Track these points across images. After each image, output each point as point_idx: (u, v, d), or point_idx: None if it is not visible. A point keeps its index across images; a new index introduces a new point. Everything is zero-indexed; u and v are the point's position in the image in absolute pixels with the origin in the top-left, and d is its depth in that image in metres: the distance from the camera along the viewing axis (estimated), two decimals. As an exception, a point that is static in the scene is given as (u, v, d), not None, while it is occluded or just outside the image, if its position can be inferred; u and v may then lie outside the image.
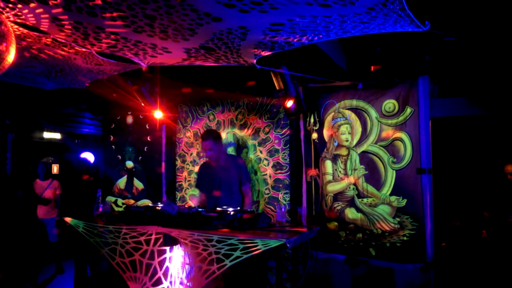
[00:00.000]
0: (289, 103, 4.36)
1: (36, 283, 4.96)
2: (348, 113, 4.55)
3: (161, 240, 3.29)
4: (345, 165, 4.53)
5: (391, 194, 4.24)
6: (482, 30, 3.53)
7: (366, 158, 4.41)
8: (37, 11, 2.40)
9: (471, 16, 3.27)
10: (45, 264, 5.76)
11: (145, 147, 6.05)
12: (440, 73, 4.31)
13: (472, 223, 4.84)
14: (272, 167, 4.93)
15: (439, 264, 4.15)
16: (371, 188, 4.35)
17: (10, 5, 2.33)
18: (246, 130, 5.16)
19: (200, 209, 3.42)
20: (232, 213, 3.20)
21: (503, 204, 4.70)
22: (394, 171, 4.24)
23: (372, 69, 4.28)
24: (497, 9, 3.16)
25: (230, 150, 5.19)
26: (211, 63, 3.48)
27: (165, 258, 3.33)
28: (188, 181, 5.63)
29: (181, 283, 3.26)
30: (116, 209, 6.04)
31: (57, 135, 8.49)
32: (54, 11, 2.38)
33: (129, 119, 6.17)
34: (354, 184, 4.46)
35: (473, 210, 4.87)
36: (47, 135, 8.25)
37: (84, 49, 3.13)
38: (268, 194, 4.93)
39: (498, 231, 4.65)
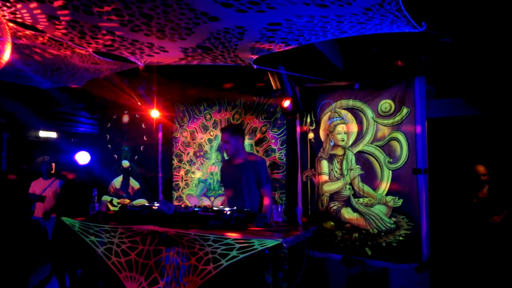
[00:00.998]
0: (286, 103, 4.37)
1: (27, 285, 4.92)
2: (344, 113, 4.56)
3: (157, 239, 3.29)
4: (341, 165, 4.54)
5: (387, 194, 4.25)
6: (478, 31, 3.55)
7: (362, 158, 4.42)
8: (31, 5, 2.39)
9: (467, 17, 3.29)
10: (42, 263, 5.73)
11: (142, 147, 6.03)
12: (437, 73, 4.33)
13: (466, 223, 4.87)
14: (268, 166, 4.93)
15: (434, 264, 4.17)
16: (367, 188, 4.37)
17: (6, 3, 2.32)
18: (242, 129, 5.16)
19: (197, 209, 3.41)
20: (228, 212, 3.20)
21: (479, 205, 4.75)
22: (390, 171, 4.25)
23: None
24: (492, 10, 3.17)
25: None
26: (208, 62, 3.48)
27: (161, 257, 3.32)
28: (185, 180, 5.63)
29: (177, 282, 3.25)
30: (112, 208, 6.02)
31: (53, 134, 8.44)
32: (50, 9, 2.37)
33: (126, 118, 6.15)
34: (350, 184, 4.47)
35: (468, 209, 4.89)
36: (43, 134, 8.21)
37: (80, 48, 3.12)
38: (264, 193, 4.92)
39: (483, 230, 4.68)
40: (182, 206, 3.59)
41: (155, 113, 5.36)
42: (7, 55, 2.41)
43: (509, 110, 4.56)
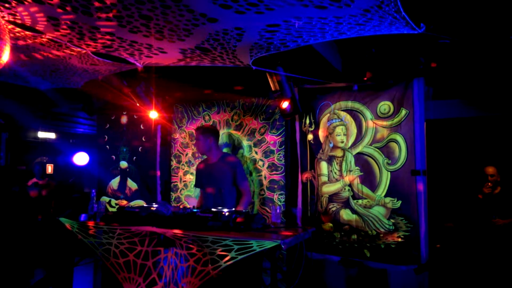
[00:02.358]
0: (285, 104, 4.37)
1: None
2: (343, 114, 4.56)
3: (155, 240, 3.28)
4: (340, 166, 4.54)
5: (386, 196, 4.25)
6: (477, 32, 3.56)
7: (361, 160, 4.42)
8: (32, 9, 2.38)
9: (466, 18, 3.29)
10: (39, 266, 5.72)
11: (140, 147, 6.03)
12: (435, 75, 4.33)
13: (466, 225, 4.87)
14: (267, 168, 4.93)
15: (433, 266, 4.17)
16: (366, 190, 4.37)
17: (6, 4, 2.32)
18: (241, 131, 5.16)
19: (195, 210, 3.41)
20: (227, 213, 3.20)
21: (485, 205, 4.74)
22: (389, 173, 4.25)
23: (367, 76, 4.30)
24: (490, 11, 3.18)
25: (226, 151, 5.18)
26: (207, 63, 3.48)
27: (160, 258, 3.32)
28: (183, 181, 5.62)
29: (175, 284, 3.25)
30: (110, 209, 6.01)
31: (51, 135, 8.44)
32: (49, 10, 2.37)
33: (124, 119, 6.14)
34: (349, 186, 4.47)
35: (466, 212, 4.90)
36: (41, 134, 8.20)
37: (79, 49, 3.12)
38: (263, 195, 4.93)
39: (484, 232, 4.68)
40: (181, 207, 3.60)
41: (153, 114, 5.35)
42: (5, 56, 2.40)
43: (509, 112, 4.57)
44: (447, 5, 3.05)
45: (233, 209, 3.52)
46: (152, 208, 3.46)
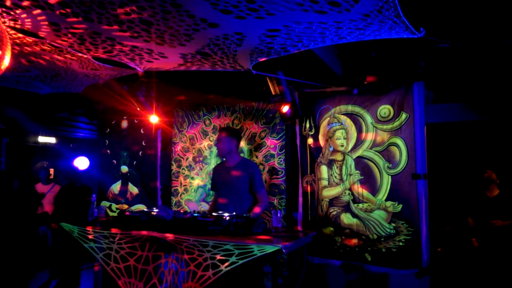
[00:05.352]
0: (285, 108, 4.38)
1: None
2: (343, 118, 4.56)
3: (156, 245, 3.28)
4: (341, 170, 4.54)
5: (386, 200, 4.25)
6: (477, 37, 3.56)
7: (361, 163, 4.42)
8: (35, 12, 2.39)
9: (466, 22, 3.30)
10: (40, 269, 5.71)
11: (140, 152, 6.03)
12: (435, 79, 4.34)
13: (465, 228, 4.86)
14: (267, 172, 4.93)
15: (434, 269, 4.15)
16: (366, 193, 4.36)
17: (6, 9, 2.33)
18: (242, 135, 5.16)
19: (196, 214, 3.40)
20: (228, 218, 3.19)
21: (484, 207, 4.72)
22: (390, 176, 4.25)
23: (367, 80, 4.31)
24: (490, 16, 3.19)
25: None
26: (207, 68, 3.49)
27: (160, 263, 3.31)
28: (184, 186, 5.62)
29: (176, 289, 3.24)
30: (111, 214, 6.01)
31: (52, 139, 8.44)
32: (52, 15, 2.38)
33: (124, 124, 6.15)
34: (350, 189, 4.47)
35: (467, 215, 4.88)
36: (42, 139, 8.21)
37: (80, 54, 3.13)
38: (263, 199, 4.91)
39: (484, 234, 4.66)
40: (181, 211, 3.58)
41: (154, 119, 5.36)
42: (6, 62, 2.41)
43: (509, 115, 4.57)
44: (446, 10, 3.06)
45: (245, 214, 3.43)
46: (152, 213, 3.45)
